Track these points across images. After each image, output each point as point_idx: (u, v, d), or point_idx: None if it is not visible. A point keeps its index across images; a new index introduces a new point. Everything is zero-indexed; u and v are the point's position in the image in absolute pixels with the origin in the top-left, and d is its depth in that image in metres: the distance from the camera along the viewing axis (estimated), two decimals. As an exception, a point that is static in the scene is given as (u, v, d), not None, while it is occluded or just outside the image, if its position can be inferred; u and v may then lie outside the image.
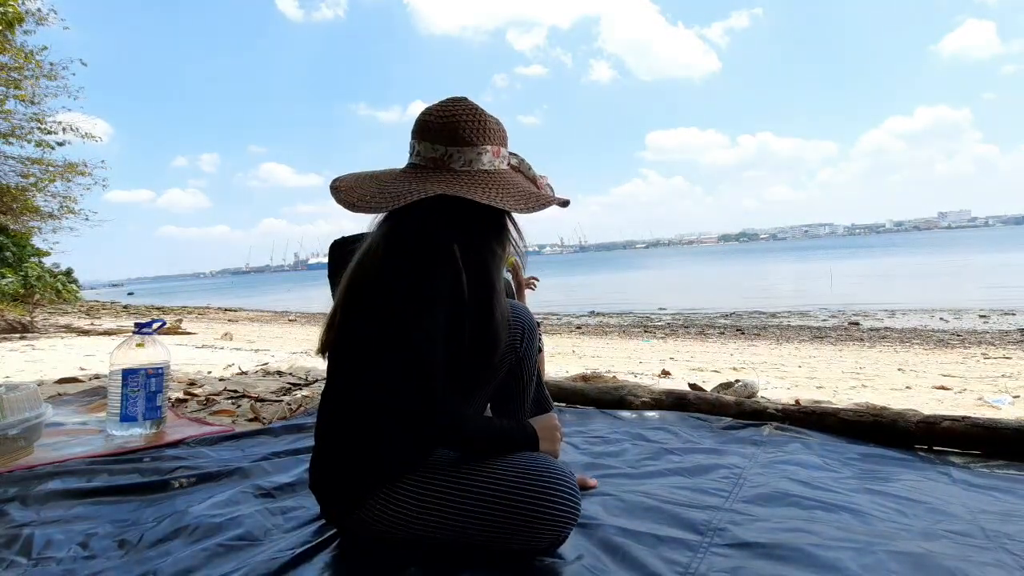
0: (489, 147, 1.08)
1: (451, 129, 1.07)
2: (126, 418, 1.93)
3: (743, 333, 8.70)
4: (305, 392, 2.74)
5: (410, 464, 1.03)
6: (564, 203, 1.16)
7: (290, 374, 3.36)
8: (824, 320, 10.53)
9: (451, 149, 1.07)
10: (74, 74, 9.50)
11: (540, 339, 3.17)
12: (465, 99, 1.12)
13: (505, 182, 1.08)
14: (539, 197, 1.09)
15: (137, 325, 2.03)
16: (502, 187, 1.06)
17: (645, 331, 9.44)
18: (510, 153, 1.16)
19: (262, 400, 2.59)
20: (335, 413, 1.06)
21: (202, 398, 2.63)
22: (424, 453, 1.05)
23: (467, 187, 1.03)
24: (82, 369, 3.62)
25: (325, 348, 1.10)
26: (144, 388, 1.94)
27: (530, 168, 1.18)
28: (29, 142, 9.38)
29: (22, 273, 8.71)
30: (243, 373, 3.49)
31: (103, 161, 10.50)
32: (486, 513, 1.00)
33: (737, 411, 2.02)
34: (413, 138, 1.11)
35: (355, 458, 1.03)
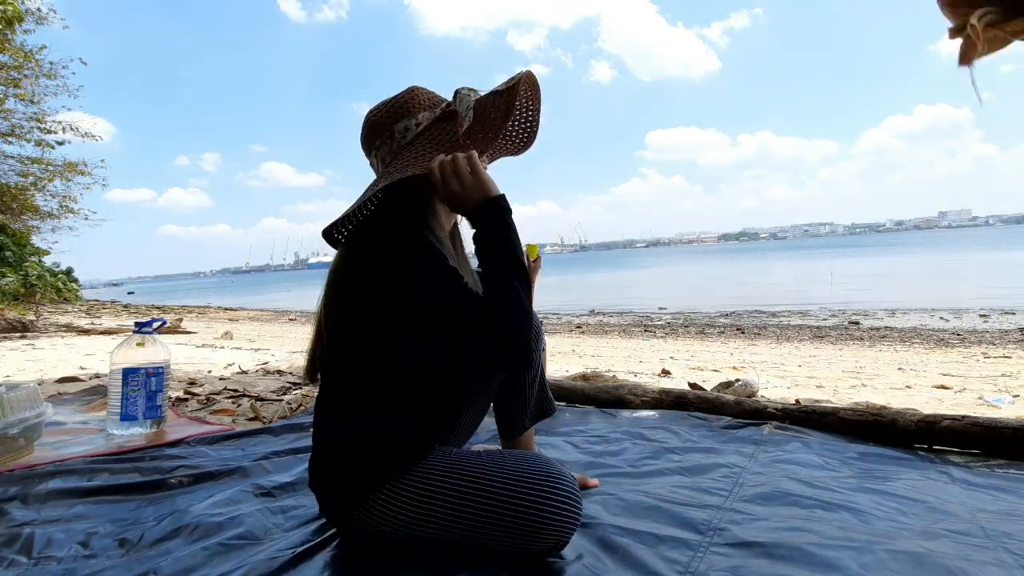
0: (403, 121, 1.10)
1: (367, 133, 1.14)
2: (126, 417, 1.93)
3: (743, 332, 8.70)
4: (305, 391, 2.74)
5: (410, 463, 1.02)
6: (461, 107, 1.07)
7: (290, 373, 3.36)
8: (824, 319, 10.53)
9: (375, 150, 1.12)
10: (74, 73, 9.51)
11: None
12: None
13: (421, 145, 1.08)
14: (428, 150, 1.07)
15: (137, 324, 2.03)
16: (416, 152, 1.07)
17: (645, 330, 9.45)
18: (446, 104, 1.11)
19: (262, 399, 2.59)
20: (333, 413, 1.06)
21: (202, 397, 2.63)
22: (423, 452, 1.04)
23: (389, 175, 1.06)
24: (82, 368, 3.63)
25: (313, 372, 1.13)
26: (144, 387, 1.94)
27: (468, 103, 1.07)
28: (29, 141, 9.39)
29: (22, 272, 8.71)
30: (243, 372, 3.49)
31: (103, 160, 10.52)
32: (487, 515, 1.00)
33: (737, 410, 2.02)
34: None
35: (355, 457, 1.03)
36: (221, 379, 3.19)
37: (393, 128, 1.11)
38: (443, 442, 1.11)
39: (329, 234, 1.14)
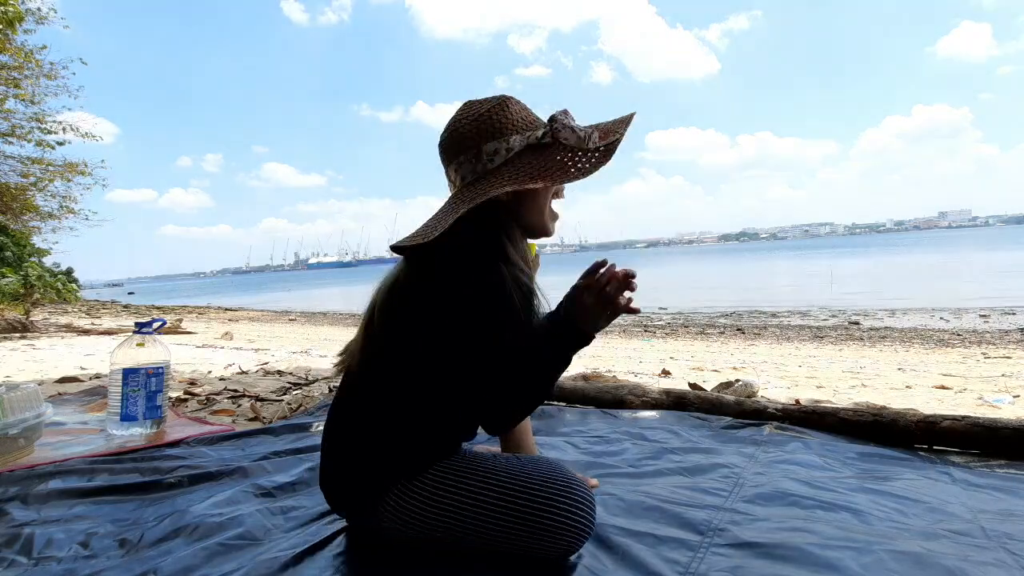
0: (494, 143, 1.03)
1: (451, 145, 1.06)
2: (126, 417, 1.93)
3: (743, 333, 8.70)
4: (305, 391, 2.74)
5: (426, 463, 1.02)
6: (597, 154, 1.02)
7: (290, 373, 3.36)
8: (824, 320, 10.53)
9: (457, 165, 1.05)
10: (74, 73, 9.51)
11: None
12: (469, 102, 1.07)
13: (516, 171, 1.01)
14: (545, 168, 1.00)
15: (137, 324, 2.03)
16: (512, 177, 1.00)
17: (645, 330, 9.44)
18: (548, 122, 1.05)
19: (262, 399, 2.59)
20: (357, 413, 1.05)
21: (202, 397, 2.63)
22: (439, 455, 1.03)
23: (479, 195, 0.99)
24: (82, 368, 3.63)
25: (347, 366, 1.09)
26: (144, 387, 1.94)
27: (571, 129, 1.02)
28: (29, 142, 9.38)
29: (22, 273, 8.71)
30: (243, 372, 3.49)
31: (103, 161, 10.51)
32: (499, 517, 1.00)
33: (737, 411, 2.02)
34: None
35: (371, 455, 1.02)
36: (221, 379, 3.19)
37: (482, 148, 1.03)
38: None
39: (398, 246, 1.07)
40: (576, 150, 1.03)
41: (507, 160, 1.03)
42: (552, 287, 1.15)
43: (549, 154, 1.03)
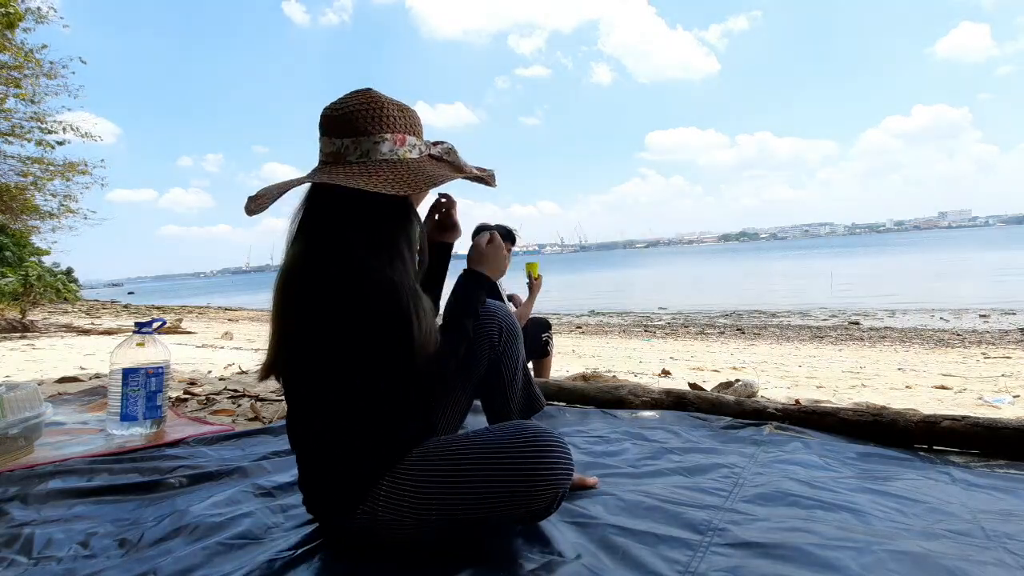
0: (388, 135, 1.06)
1: (345, 121, 1.06)
2: (126, 417, 1.93)
3: (743, 333, 8.70)
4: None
5: (404, 451, 1.04)
6: (477, 178, 1.14)
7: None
8: (824, 320, 10.54)
9: (346, 141, 1.06)
10: (74, 73, 9.47)
11: (551, 342, 3.16)
12: (367, 89, 1.09)
13: (405, 170, 1.04)
14: (430, 177, 1.05)
15: (137, 324, 2.03)
16: (396, 175, 1.02)
17: (645, 331, 9.45)
18: (434, 143, 1.13)
19: (262, 399, 2.59)
20: (316, 426, 1.05)
21: (202, 397, 2.63)
22: (414, 441, 1.06)
23: (354, 178, 1.01)
24: (82, 368, 3.63)
25: (270, 372, 1.10)
26: (144, 387, 1.94)
27: (457, 157, 1.13)
28: (29, 141, 9.37)
29: (22, 272, 8.71)
30: (243, 372, 3.49)
31: (102, 160, 10.49)
32: (483, 481, 1.01)
33: (737, 411, 2.02)
34: (319, 136, 1.10)
35: (349, 457, 1.03)
36: (221, 379, 3.19)
37: (381, 135, 1.06)
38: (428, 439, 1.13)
39: (248, 208, 1.09)
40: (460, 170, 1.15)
41: (413, 160, 1.08)
42: (552, 287, 1.16)
43: (434, 168, 1.10)
